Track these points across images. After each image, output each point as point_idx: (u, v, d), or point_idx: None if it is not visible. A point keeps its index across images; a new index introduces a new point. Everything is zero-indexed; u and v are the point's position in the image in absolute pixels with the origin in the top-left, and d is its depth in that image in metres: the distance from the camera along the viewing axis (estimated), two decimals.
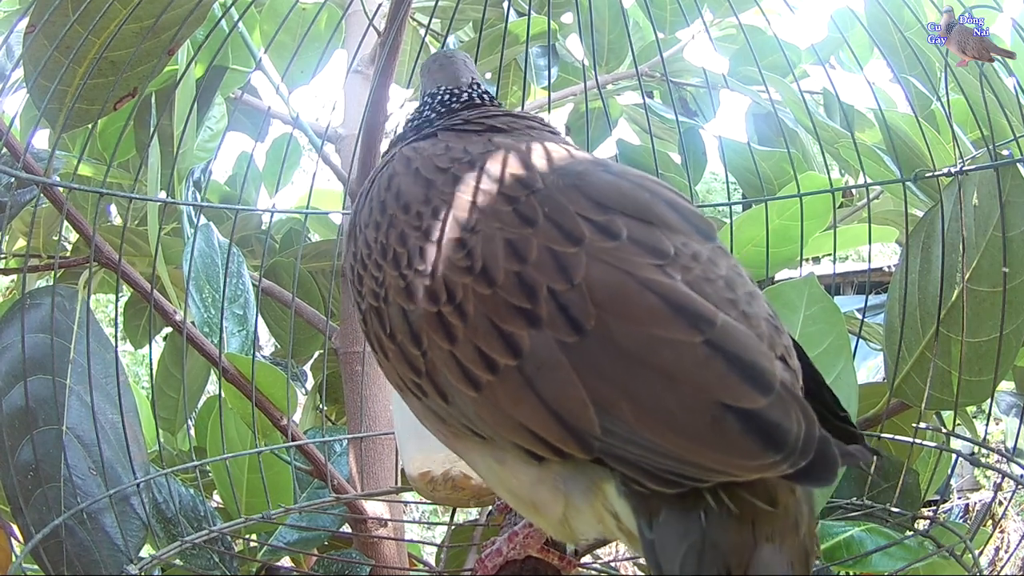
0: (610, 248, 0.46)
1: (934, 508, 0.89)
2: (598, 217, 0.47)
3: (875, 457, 0.47)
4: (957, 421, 1.01)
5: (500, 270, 0.46)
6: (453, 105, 0.64)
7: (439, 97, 0.65)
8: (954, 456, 0.90)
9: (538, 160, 0.51)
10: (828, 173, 1.23)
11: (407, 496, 1.08)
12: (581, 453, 0.44)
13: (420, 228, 0.50)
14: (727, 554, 0.42)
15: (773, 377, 0.42)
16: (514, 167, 0.50)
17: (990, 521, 1.99)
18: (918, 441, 0.90)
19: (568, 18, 1.62)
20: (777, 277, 1.34)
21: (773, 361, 0.44)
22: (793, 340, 0.50)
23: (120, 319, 1.52)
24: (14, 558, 0.90)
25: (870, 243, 1.09)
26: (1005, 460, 0.92)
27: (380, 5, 1.35)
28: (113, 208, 1.53)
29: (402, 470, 0.86)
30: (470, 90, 0.65)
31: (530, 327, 0.45)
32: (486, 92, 0.66)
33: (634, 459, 0.43)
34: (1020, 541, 2.20)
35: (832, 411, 0.50)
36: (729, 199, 1.10)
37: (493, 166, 0.51)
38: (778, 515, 0.43)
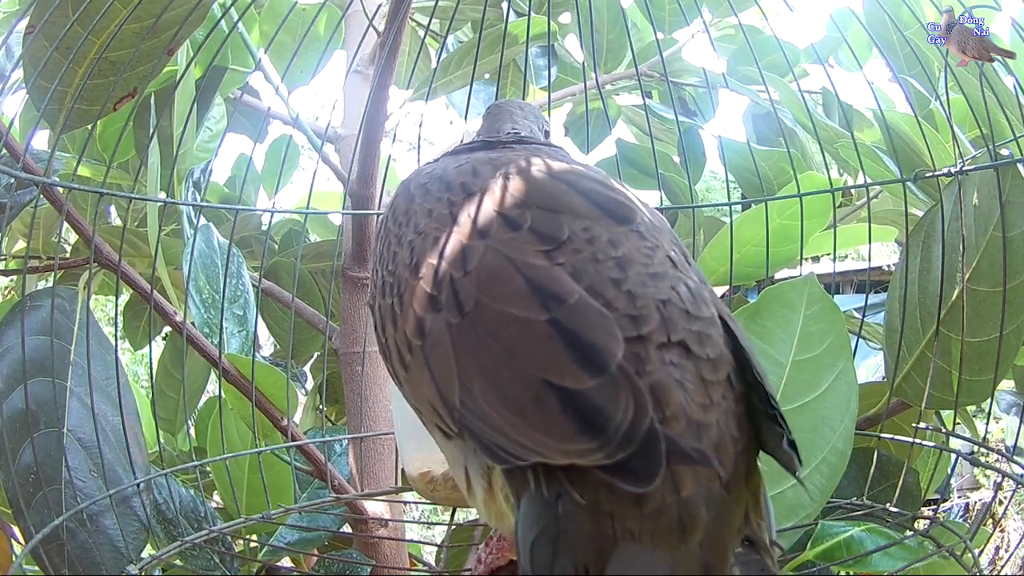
0: (507, 238, 0.47)
1: (934, 508, 0.88)
2: (512, 212, 0.49)
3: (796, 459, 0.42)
4: (957, 420, 1.01)
5: (425, 264, 0.50)
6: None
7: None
8: (954, 456, 0.90)
9: (498, 169, 0.54)
10: (828, 173, 1.23)
11: (407, 496, 1.08)
12: (452, 425, 0.46)
13: (397, 235, 0.55)
14: (581, 548, 0.39)
15: (610, 358, 0.40)
16: (466, 176, 0.54)
17: (990, 521, 1.99)
18: (918, 441, 0.90)
19: (566, 18, 1.62)
20: (777, 276, 1.34)
21: (620, 343, 0.41)
22: (740, 342, 0.46)
23: (120, 320, 1.52)
24: (14, 559, 0.90)
25: (870, 243, 1.09)
26: (1005, 459, 0.92)
27: (380, 5, 1.35)
28: (113, 209, 1.53)
29: (402, 470, 0.86)
30: (497, 134, 0.68)
31: (434, 311, 0.47)
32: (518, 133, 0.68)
33: (478, 431, 0.43)
34: (1020, 541, 2.20)
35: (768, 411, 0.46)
36: (729, 199, 1.10)
37: (455, 178, 0.55)
38: (647, 514, 0.39)
